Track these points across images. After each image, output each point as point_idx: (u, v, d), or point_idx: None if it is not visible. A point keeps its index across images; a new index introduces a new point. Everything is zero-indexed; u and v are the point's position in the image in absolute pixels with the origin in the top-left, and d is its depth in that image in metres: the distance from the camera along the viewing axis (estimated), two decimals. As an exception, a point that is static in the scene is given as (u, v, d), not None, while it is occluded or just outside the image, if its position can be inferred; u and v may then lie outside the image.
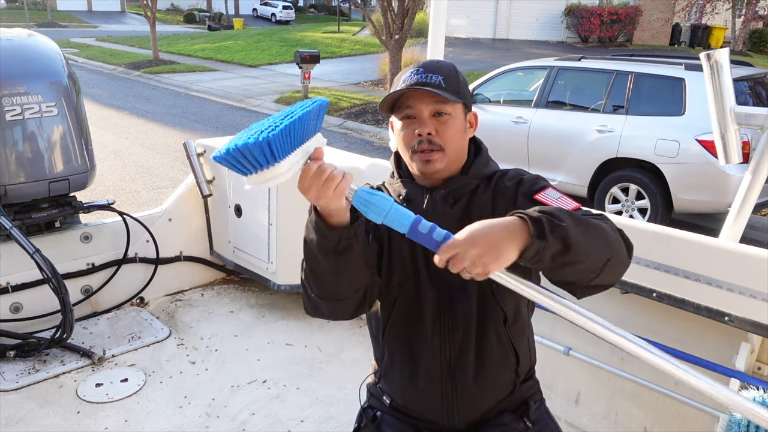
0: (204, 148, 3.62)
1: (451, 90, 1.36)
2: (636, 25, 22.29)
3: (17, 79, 2.86)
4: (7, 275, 2.99)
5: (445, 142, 1.36)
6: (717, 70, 2.13)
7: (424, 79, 1.36)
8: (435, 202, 1.40)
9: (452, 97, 1.35)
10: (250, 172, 1.06)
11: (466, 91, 1.42)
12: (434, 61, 1.43)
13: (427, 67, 1.38)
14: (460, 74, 1.43)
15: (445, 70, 1.39)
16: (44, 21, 35.34)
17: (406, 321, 1.43)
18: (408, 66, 1.44)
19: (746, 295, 1.89)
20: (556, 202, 1.31)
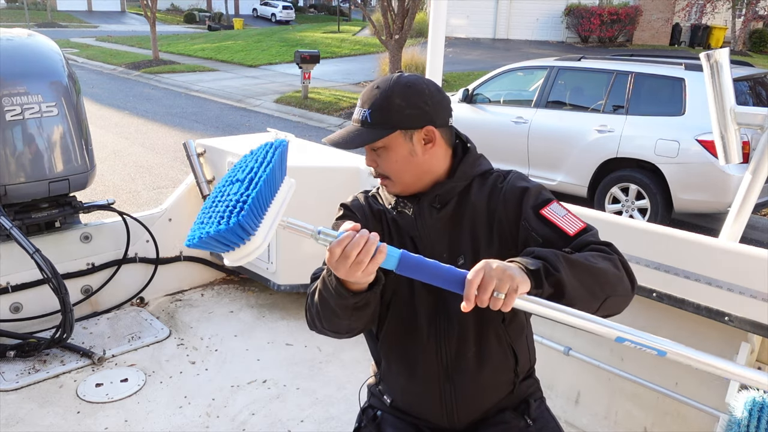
0: (204, 148, 3.62)
1: (378, 122, 1.34)
2: (636, 25, 22.29)
3: (17, 79, 2.86)
4: (7, 275, 2.99)
5: (388, 172, 1.39)
6: (717, 70, 2.12)
7: (358, 114, 1.38)
8: (421, 209, 1.41)
9: (373, 135, 1.35)
10: (226, 251, 1.05)
11: (404, 115, 1.34)
12: (373, 85, 1.39)
13: (362, 100, 1.38)
14: (394, 97, 1.34)
15: (376, 100, 1.35)
16: (44, 21, 35.34)
17: (400, 325, 1.44)
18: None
19: (746, 295, 1.89)
20: (561, 220, 1.32)
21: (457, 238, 1.39)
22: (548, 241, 1.29)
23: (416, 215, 1.40)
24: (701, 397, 2.09)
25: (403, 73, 1.42)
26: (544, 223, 1.31)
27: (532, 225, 1.32)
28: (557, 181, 6.39)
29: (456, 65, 16.65)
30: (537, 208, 1.33)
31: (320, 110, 12.12)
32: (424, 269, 1.11)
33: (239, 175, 1.13)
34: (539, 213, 1.32)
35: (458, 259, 1.38)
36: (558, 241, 1.29)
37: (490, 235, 1.37)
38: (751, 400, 1.67)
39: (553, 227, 1.31)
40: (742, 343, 1.98)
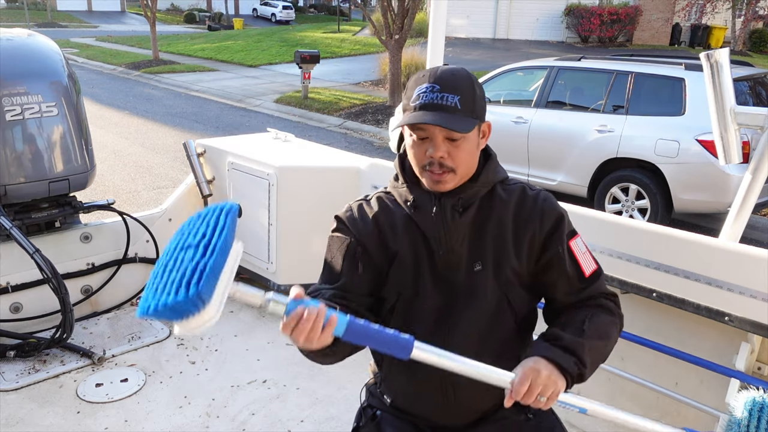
0: (204, 148, 3.61)
1: (468, 111, 1.32)
2: (636, 25, 22.29)
3: (17, 79, 2.86)
4: (7, 275, 2.99)
5: (458, 165, 1.34)
6: (717, 70, 2.12)
7: (439, 100, 1.30)
8: (444, 210, 1.38)
9: (467, 124, 1.31)
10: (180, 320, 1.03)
11: (482, 105, 1.37)
12: (450, 72, 1.34)
13: (443, 85, 1.31)
14: (476, 87, 1.36)
15: (462, 87, 1.32)
16: (44, 21, 35.33)
17: (404, 327, 1.42)
18: (422, 73, 1.37)
19: (746, 295, 1.89)
20: (582, 257, 1.42)
21: (479, 245, 1.39)
22: (567, 275, 1.40)
23: (437, 216, 1.38)
24: (701, 397, 2.09)
25: None
26: (569, 255, 1.41)
27: (560, 257, 1.40)
28: (557, 181, 6.39)
29: (456, 65, 16.61)
30: (568, 238, 1.42)
31: (320, 110, 12.12)
32: (370, 336, 1.16)
33: (190, 240, 1.10)
34: (569, 243, 1.41)
35: (475, 264, 1.39)
36: (574, 279, 1.41)
37: (517, 247, 1.39)
38: (751, 400, 1.67)
39: (575, 263, 1.41)
40: (742, 343, 1.98)
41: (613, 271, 2.19)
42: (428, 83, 1.32)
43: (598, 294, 1.42)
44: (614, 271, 2.19)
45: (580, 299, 1.42)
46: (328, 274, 1.47)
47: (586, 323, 1.34)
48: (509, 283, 1.39)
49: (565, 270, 1.39)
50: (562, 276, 1.40)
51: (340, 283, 1.43)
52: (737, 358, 1.98)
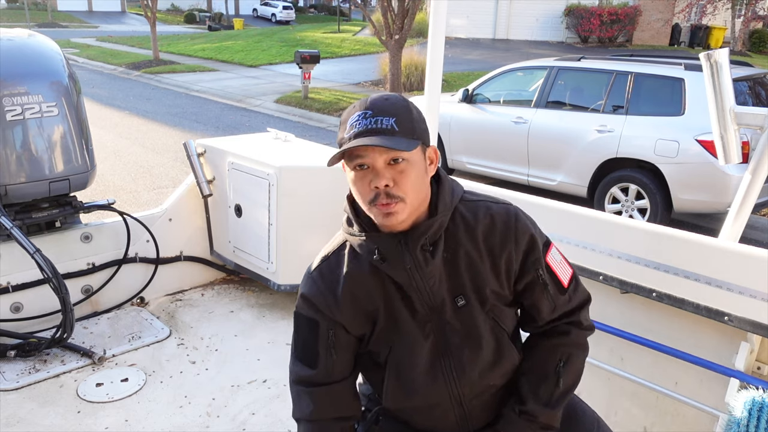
0: (204, 148, 3.62)
1: (406, 132, 1.24)
2: (636, 26, 22.30)
3: (18, 79, 2.86)
4: (8, 275, 3.00)
5: (406, 192, 1.25)
6: (717, 70, 2.13)
7: (373, 124, 1.22)
8: (414, 256, 1.31)
9: (408, 144, 1.22)
10: None
11: (422, 128, 1.29)
12: (382, 97, 1.28)
13: (376, 109, 1.24)
14: (413, 109, 1.29)
15: (397, 109, 1.25)
16: (45, 21, 35.32)
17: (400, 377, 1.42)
18: (353, 105, 1.29)
19: (746, 294, 1.90)
20: (559, 267, 1.42)
21: (456, 279, 1.35)
22: (548, 293, 1.40)
23: (413, 265, 1.32)
24: (701, 397, 2.09)
25: None
26: (548, 271, 1.40)
27: (540, 276, 1.39)
28: (557, 181, 6.39)
29: (456, 65, 16.65)
30: (543, 254, 1.40)
31: (320, 110, 12.12)
32: None
33: None
34: (545, 260, 1.40)
35: (457, 299, 1.36)
36: (555, 294, 1.41)
37: (495, 271, 1.36)
38: (751, 399, 1.67)
39: (554, 278, 1.41)
40: (741, 343, 1.99)
41: (613, 271, 2.20)
42: (360, 111, 1.25)
43: (572, 311, 1.44)
44: (614, 271, 2.19)
45: (556, 318, 1.43)
46: (303, 352, 1.46)
47: (560, 382, 1.39)
48: (495, 307, 1.38)
49: (546, 289, 1.39)
50: (543, 297, 1.40)
51: (321, 371, 1.42)
52: (737, 357, 1.98)
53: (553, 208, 2.40)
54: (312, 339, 1.42)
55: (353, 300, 1.38)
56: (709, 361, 2.03)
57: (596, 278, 2.24)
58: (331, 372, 1.42)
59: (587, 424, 1.53)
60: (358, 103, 1.28)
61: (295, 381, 1.48)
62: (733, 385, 1.95)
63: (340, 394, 1.44)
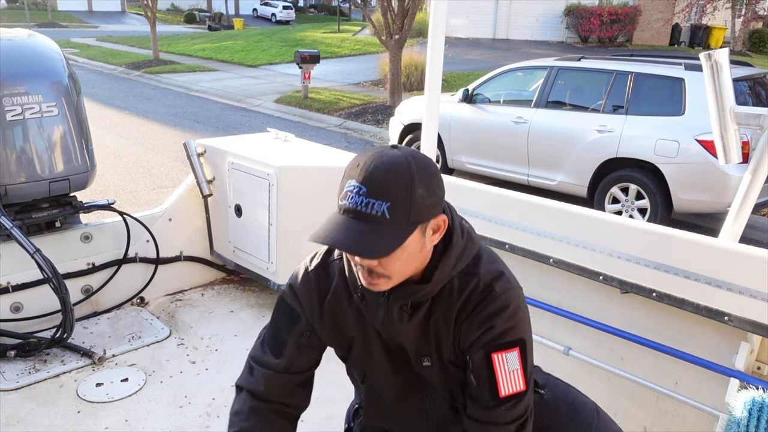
0: (204, 148, 3.62)
1: (398, 219, 1.12)
2: (636, 26, 22.30)
3: (18, 79, 2.86)
4: (8, 275, 2.99)
5: (391, 273, 1.19)
6: (717, 70, 2.13)
7: (363, 207, 1.11)
8: (391, 312, 1.28)
9: (393, 241, 1.12)
10: None
11: (425, 206, 1.14)
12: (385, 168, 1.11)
13: (371, 187, 1.11)
14: (417, 185, 1.12)
15: (396, 190, 1.11)
16: (45, 21, 35.32)
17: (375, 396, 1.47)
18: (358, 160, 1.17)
19: (746, 294, 1.90)
20: (505, 375, 1.25)
21: (425, 341, 1.34)
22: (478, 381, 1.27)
23: (385, 320, 1.31)
24: (701, 397, 2.09)
25: (398, 146, 1.19)
26: (487, 366, 1.26)
27: (475, 364, 1.27)
28: (557, 181, 6.39)
29: (456, 65, 16.65)
30: (492, 349, 1.25)
31: (320, 110, 12.12)
32: None
33: None
34: (490, 354, 1.25)
35: (423, 359, 1.36)
36: (485, 389, 1.26)
37: (453, 352, 1.33)
38: (751, 399, 1.67)
39: (491, 375, 1.25)
40: (741, 343, 1.99)
41: (613, 271, 2.20)
42: (357, 182, 1.13)
43: (498, 425, 1.28)
44: (614, 271, 2.19)
45: (485, 419, 1.29)
46: (272, 338, 1.47)
47: None
48: (453, 373, 1.36)
49: (479, 377, 1.27)
50: (471, 380, 1.29)
51: (284, 362, 1.43)
52: (737, 357, 1.98)
53: (553, 208, 2.40)
54: (286, 330, 1.44)
55: (334, 319, 1.40)
56: (709, 361, 2.03)
57: (596, 278, 2.24)
58: (293, 364, 1.44)
59: (587, 415, 1.52)
60: (362, 162, 1.15)
61: (254, 359, 1.49)
62: (733, 385, 1.95)
63: (293, 384, 1.46)
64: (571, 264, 2.31)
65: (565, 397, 1.53)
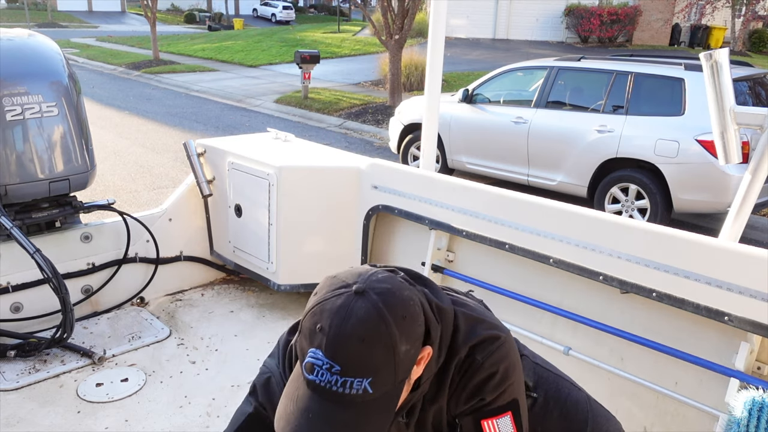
0: (204, 148, 3.62)
1: (385, 389, 0.98)
2: (636, 26, 22.30)
3: (18, 79, 2.86)
4: (8, 275, 3.00)
5: None
6: (717, 70, 2.13)
7: (340, 387, 0.93)
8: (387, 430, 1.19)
9: (387, 413, 1.00)
10: None
11: (409, 357, 1.00)
12: (355, 337, 0.93)
13: (345, 366, 0.93)
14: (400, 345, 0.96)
15: (375, 363, 0.94)
16: (44, 21, 35.33)
17: None
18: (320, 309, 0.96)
19: (746, 295, 1.90)
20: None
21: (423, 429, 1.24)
22: None
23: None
24: (701, 397, 2.09)
25: (364, 287, 0.97)
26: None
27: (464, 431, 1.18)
28: (557, 181, 6.39)
29: (456, 65, 16.65)
30: (481, 416, 1.16)
31: (320, 110, 12.12)
32: None
33: None
34: (479, 422, 1.16)
35: None
36: None
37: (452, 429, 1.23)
38: (751, 399, 1.67)
39: None
40: (741, 343, 1.99)
41: (613, 271, 2.20)
42: (325, 356, 0.93)
43: None
44: (614, 271, 2.19)
45: None
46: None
47: None
48: None
49: None
50: None
51: None
52: (737, 357, 1.98)
53: (553, 208, 2.40)
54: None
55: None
56: (709, 361, 2.03)
57: (596, 278, 2.24)
58: None
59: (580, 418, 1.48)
60: (324, 325, 0.94)
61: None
62: (733, 385, 1.95)
63: None
64: (571, 264, 2.31)
65: (557, 397, 1.48)
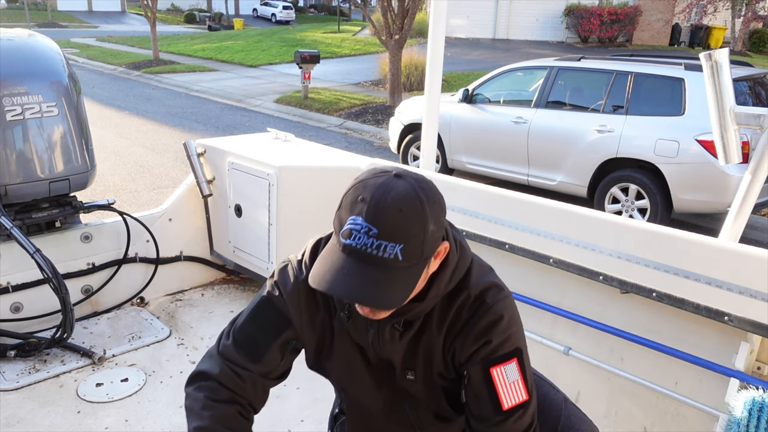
0: (204, 148, 3.62)
1: (412, 259, 1.06)
2: (636, 26, 22.30)
3: (18, 79, 2.86)
4: (8, 275, 2.99)
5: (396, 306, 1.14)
6: (717, 70, 2.13)
7: (374, 249, 1.02)
8: (382, 334, 1.25)
9: (405, 287, 1.07)
10: None
11: (434, 239, 1.09)
12: (397, 206, 1.03)
13: (383, 229, 1.02)
14: (429, 223, 1.06)
15: (410, 231, 1.04)
16: (45, 21, 35.32)
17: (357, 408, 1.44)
18: (361, 192, 1.06)
19: (746, 295, 1.90)
20: (505, 387, 1.22)
21: (412, 356, 1.30)
22: (478, 398, 1.23)
23: (373, 339, 1.26)
24: (701, 397, 2.09)
25: (403, 172, 1.10)
26: (486, 381, 1.22)
27: (473, 381, 1.23)
28: (557, 181, 6.39)
29: (456, 65, 16.65)
30: (489, 363, 1.22)
31: (320, 110, 12.12)
32: None
33: None
34: (488, 369, 1.22)
35: (407, 372, 1.31)
36: (487, 405, 1.22)
37: (444, 364, 1.29)
38: (751, 399, 1.67)
39: (491, 390, 1.22)
40: (741, 343, 1.99)
41: (613, 271, 2.20)
42: (364, 220, 1.03)
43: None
44: (614, 271, 2.19)
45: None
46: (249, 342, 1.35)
47: None
48: (441, 387, 1.32)
49: (475, 394, 1.24)
50: (472, 398, 1.25)
51: (262, 367, 1.35)
52: (737, 357, 1.98)
53: (553, 208, 2.40)
54: (269, 335, 1.34)
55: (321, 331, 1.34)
56: (709, 361, 2.03)
57: (596, 278, 2.24)
58: (273, 370, 1.37)
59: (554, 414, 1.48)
60: (367, 197, 1.04)
61: (225, 358, 1.36)
62: (733, 385, 1.95)
63: (267, 387, 1.39)
64: (571, 264, 2.31)
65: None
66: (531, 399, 1.25)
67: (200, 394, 1.32)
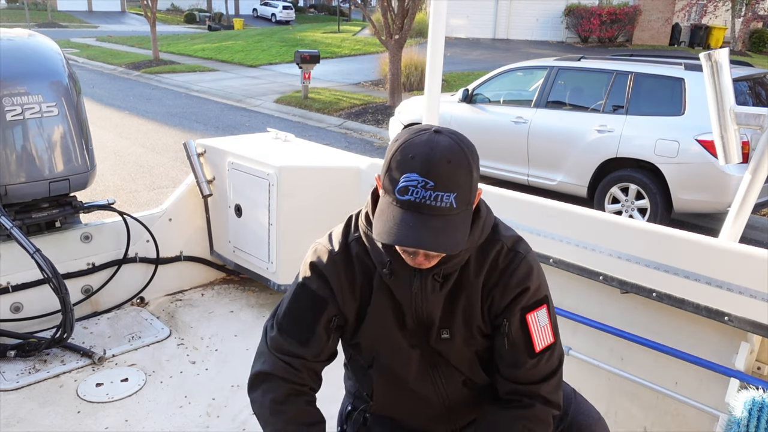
0: (204, 148, 3.62)
1: (464, 205, 1.15)
2: (636, 25, 22.30)
3: (18, 79, 2.86)
4: (8, 275, 2.99)
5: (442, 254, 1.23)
6: (717, 70, 2.13)
7: (432, 200, 1.11)
8: (424, 284, 1.30)
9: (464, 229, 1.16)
10: None
11: (476, 186, 1.20)
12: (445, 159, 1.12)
13: (438, 181, 1.10)
14: (474, 169, 1.17)
15: (459, 178, 1.13)
16: (44, 21, 35.33)
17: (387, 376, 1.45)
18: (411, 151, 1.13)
19: (746, 295, 1.90)
20: (538, 330, 1.33)
21: (449, 313, 1.34)
22: (514, 345, 1.33)
23: (417, 291, 1.31)
24: (701, 397, 2.09)
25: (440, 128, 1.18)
26: (523, 327, 1.33)
27: (512, 328, 1.33)
28: (557, 181, 6.39)
29: (456, 65, 16.65)
30: (526, 310, 1.33)
31: (320, 110, 12.12)
32: None
33: None
34: (525, 316, 1.32)
35: (443, 332, 1.35)
36: (522, 350, 1.33)
37: (482, 315, 1.35)
38: (751, 399, 1.67)
39: (526, 335, 1.33)
40: (741, 343, 1.99)
41: (613, 271, 2.20)
42: (420, 175, 1.11)
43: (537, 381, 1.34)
44: (614, 271, 2.19)
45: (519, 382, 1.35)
46: (296, 328, 1.41)
47: None
48: (477, 343, 1.38)
49: (509, 341, 1.33)
50: (506, 349, 1.34)
51: (312, 350, 1.41)
52: (737, 357, 1.98)
53: (553, 208, 2.40)
54: (312, 317, 1.39)
55: (361, 300, 1.38)
56: (709, 361, 2.03)
57: (596, 278, 2.24)
58: (322, 351, 1.43)
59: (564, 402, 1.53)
60: (416, 154, 1.12)
61: (276, 351, 1.42)
62: (733, 385, 1.95)
63: (319, 369, 1.46)
64: (571, 264, 2.31)
65: None
66: (557, 341, 1.37)
67: (266, 398, 1.39)
